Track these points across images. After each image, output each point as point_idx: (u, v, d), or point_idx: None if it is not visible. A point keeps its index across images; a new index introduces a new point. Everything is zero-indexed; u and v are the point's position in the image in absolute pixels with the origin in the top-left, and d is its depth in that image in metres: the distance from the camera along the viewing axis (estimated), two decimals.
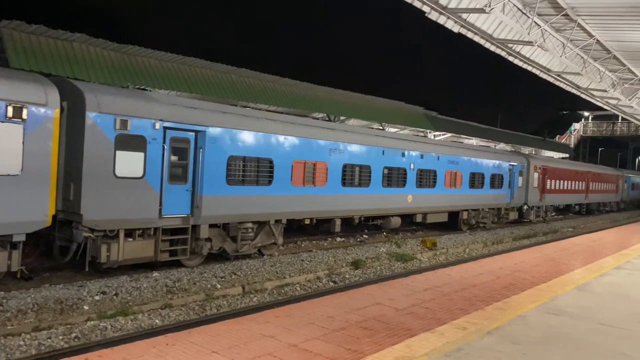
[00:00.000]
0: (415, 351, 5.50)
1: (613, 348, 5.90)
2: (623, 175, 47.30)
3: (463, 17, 15.61)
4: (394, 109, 27.50)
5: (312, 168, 15.38)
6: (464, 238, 21.47)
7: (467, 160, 23.21)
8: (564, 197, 34.10)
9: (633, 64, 21.11)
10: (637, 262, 12.34)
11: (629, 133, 62.24)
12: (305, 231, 18.35)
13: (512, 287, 9.27)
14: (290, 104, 21.12)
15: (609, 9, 14.66)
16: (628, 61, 20.81)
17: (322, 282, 12.88)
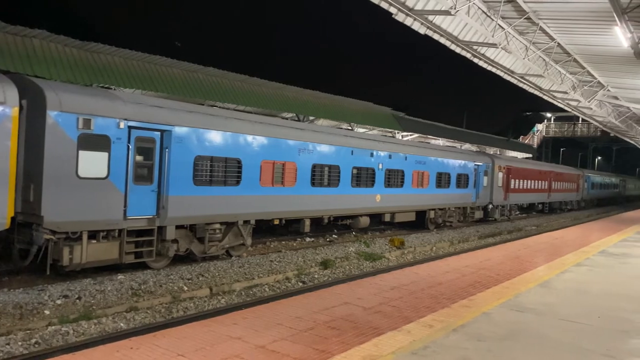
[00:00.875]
0: (383, 350, 5.54)
1: (574, 343, 6.06)
2: (583, 175, 48.82)
3: (429, 19, 15.85)
4: (362, 110, 27.70)
5: (281, 168, 15.33)
6: (431, 237, 21.77)
7: (434, 161, 23.55)
8: (528, 196, 34.98)
9: (592, 66, 21.81)
10: (596, 258, 12.74)
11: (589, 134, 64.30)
12: (274, 232, 18.28)
13: (477, 284, 9.43)
14: (259, 103, 21.01)
15: (568, 13, 15.11)
16: (587, 64, 21.49)
17: (291, 282, 12.85)
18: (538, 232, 24.77)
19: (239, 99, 20.18)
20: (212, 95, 19.24)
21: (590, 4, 13.68)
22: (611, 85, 25.12)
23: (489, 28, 15.95)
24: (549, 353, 5.68)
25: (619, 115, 34.90)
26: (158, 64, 18.01)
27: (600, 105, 29.66)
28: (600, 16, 14.41)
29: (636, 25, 13.88)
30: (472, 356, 5.44)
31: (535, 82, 24.95)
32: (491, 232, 25.17)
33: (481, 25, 15.60)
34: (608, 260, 12.47)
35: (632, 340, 6.26)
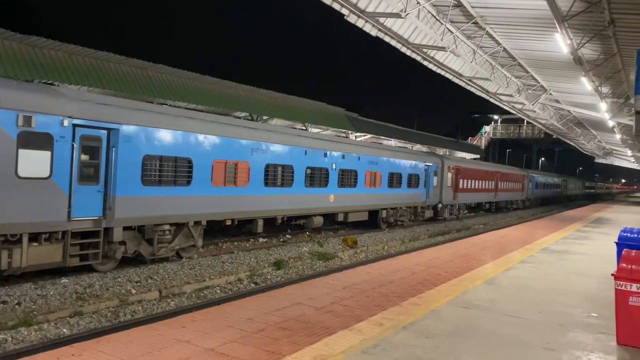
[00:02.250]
0: (334, 349, 5.56)
1: (517, 337, 6.28)
2: (528, 175, 50.81)
3: (380, 21, 16.07)
4: (316, 110, 27.77)
5: (234, 168, 15.16)
6: (383, 236, 22.08)
7: (386, 161, 23.91)
8: (476, 195, 36.08)
9: (535, 71, 22.73)
10: (539, 256, 13.26)
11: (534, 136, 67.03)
12: (226, 232, 18.06)
13: (426, 282, 9.62)
14: (211, 102, 20.69)
15: (513, 19, 15.69)
16: (531, 68, 22.38)
17: (243, 283, 12.72)
18: (485, 230, 25.57)
19: (191, 98, 19.80)
20: (162, 93, 18.79)
21: (533, 11, 14.24)
22: (553, 89, 26.26)
23: (438, 31, 16.35)
24: (494, 348, 5.86)
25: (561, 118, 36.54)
26: (105, 60, 17.41)
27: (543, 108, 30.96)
28: (542, 23, 15.04)
29: (575, 33, 14.57)
30: (420, 353, 5.55)
31: (483, 85, 25.78)
32: (441, 231, 25.78)
33: (430, 28, 15.96)
34: (550, 257, 13.00)
35: (570, 333, 6.55)
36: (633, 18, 13.09)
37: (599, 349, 5.98)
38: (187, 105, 19.64)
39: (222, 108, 21.36)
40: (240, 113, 23.26)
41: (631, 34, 14.29)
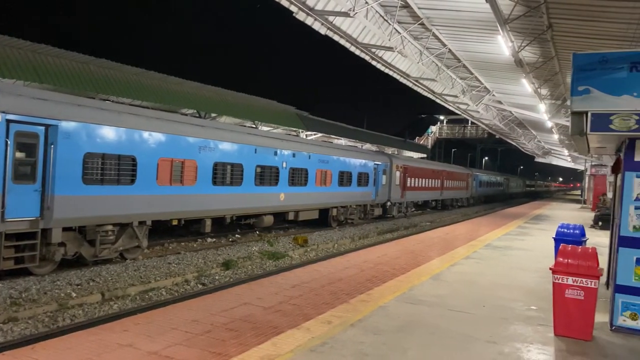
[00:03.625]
0: (281, 349, 5.50)
1: (461, 331, 6.43)
2: (472, 174, 52.45)
3: (329, 20, 16.11)
4: (266, 108, 27.56)
5: (180, 166, 14.80)
6: (334, 234, 22.20)
7: (337, 160, 24.04)
8: (423, 193, 36.89)
9: (479, 72, 23.43)
10: (482, 251, 13.69)
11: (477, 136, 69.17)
12: (173, 233, 17.61)
13: (375, 279, 9.72)
14: (157, 99, 20.13)
15: (458, 21, 16.09)
16: (475, 70, 23.05)
17: (190, 284, 12.43)
18: (432, 227, 26.16)
19: (135, 94, 19.19)
20: (104, 89, 18.11)
21: (477, 14, 14.65)
22: (496, 91, 27.18)
23: (386, 32, 16.55)
24: (439, 342, 5.97)
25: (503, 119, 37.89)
26: (43, 54, 16.60)
27: (486, 109, 31.99)
28: (485, 25, 15.50)
29: (516, 36, 15.11)
30: (368, 350, 5.57)
31: (429, 85, 26.34)
32: (389, 228, 26.19)
33: (379, 28, 16.14)
34: (493, 253, 13.44)
35: (511, 326, 6.77)
36: (569, 23, 13.71)
37: (538, 341, 6.21)
38: (132, 101, 19.04)
39: (168, 105, 20.82)
40: (187, 110, 22.78)
41: (567, 38, 14.97)
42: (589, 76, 6.53)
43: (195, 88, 22.70)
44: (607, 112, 6.37)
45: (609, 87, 6.41)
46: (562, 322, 6.40)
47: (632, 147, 6.68)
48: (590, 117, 6.45)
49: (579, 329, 6.30)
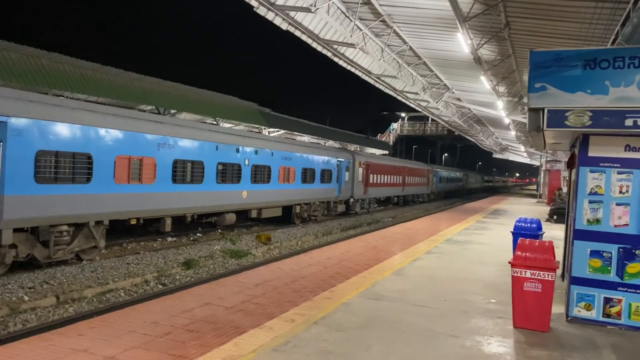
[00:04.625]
0: (244, 349, 5.40)
1: (424, 326, 6.48)
2: (432, 170, 53.35)
3: (290, 15, 16.00)
4: (228, 104, 27.18)
5: (139, 164, 14.42)
6: (297, 231, 22.13)
7: (300, 157, 23.96)
8: (385, 190, 37.27)
9: (439, 70, 23.80)
10: (443, 246, 13.89)
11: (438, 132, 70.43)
12: (131, 232, 17.16)
13: (338, 276, 9.71)
14: (114, 94, 19.52)
15: (419, 19, 16.28)
16: (435, 67, 23.40)
17: (150, 285, 12.13)
18: (394, 223, 26.44)
19: (90, 89, 18.55)
20: (58, 84, 17.42)
21: (437, 11, 14.85)
22: (455, 88, 27.69)
23: (347, 28, 16.57)
24: (402, 337, 5.99)
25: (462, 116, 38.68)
26: None
27: (446, 106, 32.57)
28: (445, 23, 15.73)
29: (475, 33, 15.39)
30: (331, 347, 5.54)
31: (390, 82, 26.58)
32: (352, 225, 26.32)
33: (340, 25, 16.14)
34: (453, 247, 13.66)
35: (472, 320, 6.87)
36: (526, 22, 14.06)
37: (498, 333, 6.32)
38: (87, 97, 18.38)
39: (126, 101, 20.23)
40: (146, 106, 22.20)
41: (524, 37, 15.36)
42: (545, 73, 6.68)
43: (154, 84, 22.15)
44: (562, 108, 6.53)
45: (564, 84, 6.57)
46: (521, 315, 6.54)
47: (586, 143, 6.87)
48: (546, 113, 6.60)
49: (537, 320, 6.45)
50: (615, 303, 6.72)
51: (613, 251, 6.72)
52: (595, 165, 6.83)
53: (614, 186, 6.76)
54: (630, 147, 6.70)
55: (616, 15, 11.37)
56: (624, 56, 6.43)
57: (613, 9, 11.10)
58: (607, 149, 6.78)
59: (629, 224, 6.69)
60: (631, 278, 6.64)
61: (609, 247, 6.74)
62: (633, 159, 6.69)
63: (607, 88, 6.41)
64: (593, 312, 6.81)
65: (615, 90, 6.38)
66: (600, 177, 6.81)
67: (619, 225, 6.73)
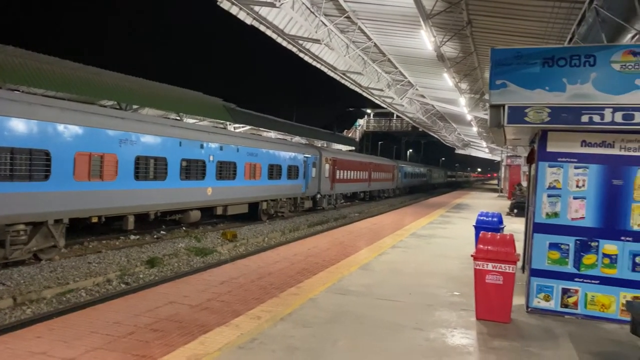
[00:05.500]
0: (209, 347, 5.34)
1: (389, 319, 6.55)
2: (398, 166, 53.97)
3: (255, 10, 15.85)
4: (192, 100, 26.75)
5: (100, 161, 14.06)
6: (264, 228, 22.03)
7: (266, 153, 23.83)
8: (351, 185, 37.49)
9: (403, 67, 24.05)
10: (408, 240, 14.08)
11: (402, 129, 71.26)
12: (93, 230, 16.72)
13: (305, 271, 9.72)
14: (73, 89, 18.93)
15: (383, 15, 16.39)
16: (399, 64, 23.63)
17: (113, 284, 11.86)
18: (360, 218, 26.64)
19: (49, 84, 17.93)
20: (13, 78, 16.77)
21: (401, 8, 14.98)
22: (419, 85, 28.04)
23: (313, 24, 16.54)
24: (368, 331, 6.05)
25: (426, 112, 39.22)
26: None
27: (410, 102, 32.96)
28: (409, 20, 15.89)
29: (438, 31, 15.60)
30: (297, 343, 5.54)
31: (356, 79, 26.71)
32: (319, 221, 26.38)
33: (305, 20, 16.10)
34: (418, 242, 13.87)
35: (436, 312, 6.99)
36: (487, 20, 14.34)
37: (461, 325, 6.45)
38: (45, 92, 17.77)
39: (86, 96, 19.65)
40: (107, 101, 21.64)
41: (486, 34, 15.66)
42: (505, 71, 6.83)
43: (116, 78, 21.59)
44: (522, 105, 6.70)
45: (524, 82, 6.74)
46: (483, 307, 6.69)
47: (544, 139, 7.07)
48: (506, 110, 6.76)
49: (499, 312, 6.61)
50: (572, 293, 6.95)
51: (570, 243, 6.95)
52: (554, 160, 7.04)
53: (571, 180, 6.98)
54: (586, 143, 6.94)
55: (573, 15, 11.73)
56: (580, 54, 6.64)
57: (570, 8, 11.44)
58: (564, 145, 7.00)
59: (585, 217, 6.93)
60: (587, 269, 6.89)
61: (566, 240, 6.97)
62: (589, 154, 6.93)
63: (564, 85, 6.61)
64: (552, 303, 7.03)
65: (572, 87, 6.58)
66: (558, 172, 7.03)
67: (576, 218, 6.97)
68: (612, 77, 6.44)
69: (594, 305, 6.86)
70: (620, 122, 6.40)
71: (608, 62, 6.47)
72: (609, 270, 6.81)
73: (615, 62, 6.45)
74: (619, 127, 6.44)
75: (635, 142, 6.75)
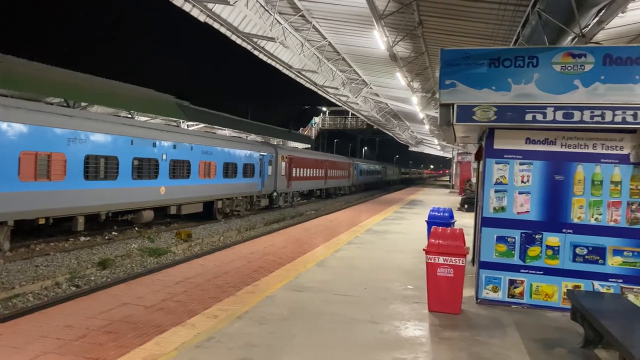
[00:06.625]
0: (165, 347, 5.30)
1: (345, 314, 6.67)
2: (353, 163, 54.53)
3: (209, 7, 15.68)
4: (143, 97, 26.15)
5: (46, 160, 13.57)
6: (220, 227, 21.83)
7: (221, 151, 23.60)
8: (308, 183, 37.63)
9: (357, 66, 24.34)
10: (363, 236, 14.31)
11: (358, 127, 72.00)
12: (40, 232, 16.12)
13: (262, 270, 9.74)
14: (17, 86, 18.17)
15: (337, 15, 16.54)
16: (353, 63, 23.91)
17: (62, 287, 11.49)
18: (317, 215, 26.80)
19: None
20: None
21: (355, 8, 15.17)
22: (373, 84, 28.45)
23: (267, 22, 16.51)
24: (324, 326, 6.15)
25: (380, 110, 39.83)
26: None
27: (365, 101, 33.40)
28: (362, 20, 16.11)
29: (390, 31, 15.89)
30: (255, 340, 5.57)
31: (311, 77, 26.83)
32: (276, 219, 26.36)
33: (260, 18, 16.05)
34: (373, 237, 14.11)
35: (391, 305, 7.17)
36: (438, 20, 14.72)
37: (414, 317, 6.65)
38: None
39: (31, 93, 18.89)
40: (54, 99, 20.86)
41: (436, 35, 16.07)
42: (454, 71, 7.07)
43: (63, 75, 20.85)
44: (470, 104, 6.95)
45: (471, 81, 7.00)
46: (435, 299, 6.92)
47: (491, 136, 7.37)
48: (456, 109, 7.00)
49: (450, 304, 6.86)
50: (518, 284, 7.29)
51: (516, 236, 7.28)
52: (500, 157, 7.36)
53: (516, 176, 7.31)
54: (530, 140, 7.28)
55: (517, 17, 12.22)
56: (524, 55, 6.95)
57: (515, 11, 11.91)
58: (510, 142, 7.32)
59: (529, 211, 7.27)
60: (532, 260, 7.23)
61: (512, 233, 7.29)
62: (533, 150, 7.28)
63: (509, 85, 6.91)
64: (499, 294, 7.34)
65: (517, 87, 6.89)
66: (505, 168, 7.34)
67: (521, 212, 7.30)
68: (553, 78, 6.78)
69: (539, 295, 7.21)
70: (561, 120, 6.75)
71: (549, 63, 6.81)
72: (552, 262, 7.17)
73: (556, 64, 6.80)
74: (560, 125, 6.78)
75: (575, 139, 7.14)
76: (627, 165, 6.93)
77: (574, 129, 6.99)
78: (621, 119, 6.50)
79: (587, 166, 7.07)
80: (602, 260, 6.98)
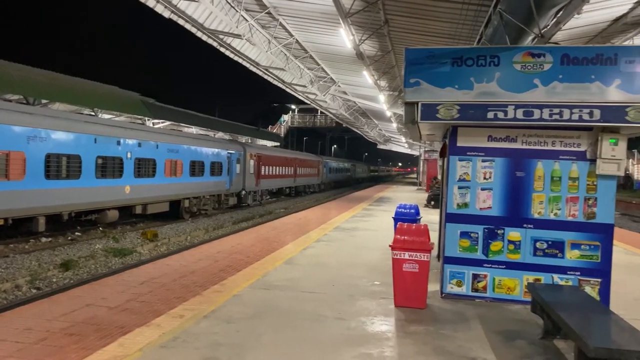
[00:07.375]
0: (130, 348, 5.22)
1: (313, 311, 6.70)
2: (323, 161, 54.65)
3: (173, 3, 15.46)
4: (107, 94, 25.56)
5: (5, 159, 13.15)
6: (187, 226, 21.56)
7: (188, 149, 23.30)
8: (277, 181, 37.53)
9: (325, 64, 24.40)
10: (332, 234, 14.37)
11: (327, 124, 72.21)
12: None
13: (229, 268, 9.66)
14: None
15: (304, 12, 16.55)
16: (321, 61, 23.95)
17: (22, 290, 11.16)
18: (286, 214, 26.75)
19: None
20: None
21: (321, 6, 15.20)
22: (341, 82, 28.56)
23: (233, 19, 16.38)
24: (292, 324, 6.16)
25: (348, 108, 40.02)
26: None
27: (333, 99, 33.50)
28: (329, 18, 16.15)
29: (357, 29, 15.99)
30: (221, 339, 5.54)
31: (279, 75, 26.74)
32: (244, 217, 26.20)
33: (226, 15, 15.91)
34: (341, 235, 14.19)
35: (358, 302, 7.24)
36: (403, 20, 14.89)
37: (381, 313, 6.73)
38: None
39: None
40: (12, 96, 20.20)
41: (402, 34, 16.25)
42: (419, 69, 7.18)
43: (22, 71, 20.20)
44: (434, 102, 7.07)
45: (435, 80, 7.11)
46: (401, 294, 7.02)
47: (455, 134, 7.52)
48: (420, 107, 7.10)
49: (415, 299, 6.97)
50: (481, 278, 7.46)
51: (479, 232, 7.45)
52: (463, 154, 7.51)
53: (479, 173, 7.47)
54: (492, 138, 7.45)
55: (480, 17, 12.47)
56: (485, 55, 7.10)
57: (477, 11, 12.16)
58: (473, 140, 7.47)
59: (492, 206, 7.44)
60: (494, 255, 7.41)
61: (475, 228, 7.46)
62: (495, 148, 7.45)
63: (472, 84, 7.05)
64: (463, 288, 7.50)
65: (479, 86, 7.04)
66: (468, 165, 7.50)
67: (483, 208, 7.47)
68: (514, 77, 6.95)
69: (501, 289, 7.40)
70: (522, 118, 6.93)
71: (510, 63, 6.98)
72: (514, 256, 7.37)
73: (517, 63, 6.97)
74: (520, 122, 6.96)
75: (535, 136, 7.34)
76: (584, 162, 7.17)
77: (534, 127, 7.19)
78: (578, 117, 6.72)
79: (546, 163, 7.28)
80: (561, 254, 7.21)
